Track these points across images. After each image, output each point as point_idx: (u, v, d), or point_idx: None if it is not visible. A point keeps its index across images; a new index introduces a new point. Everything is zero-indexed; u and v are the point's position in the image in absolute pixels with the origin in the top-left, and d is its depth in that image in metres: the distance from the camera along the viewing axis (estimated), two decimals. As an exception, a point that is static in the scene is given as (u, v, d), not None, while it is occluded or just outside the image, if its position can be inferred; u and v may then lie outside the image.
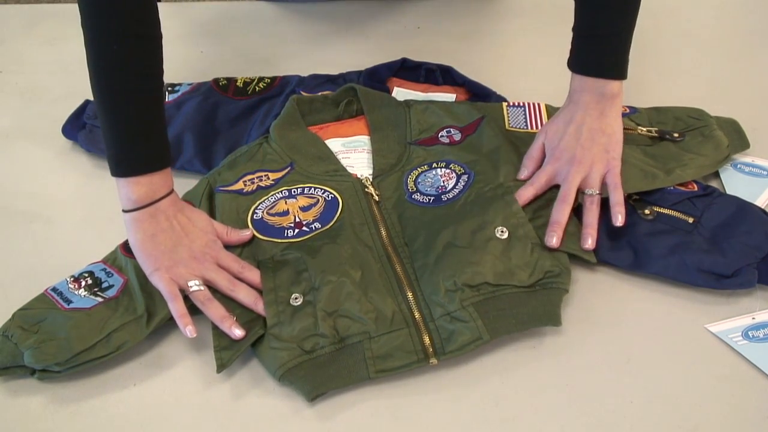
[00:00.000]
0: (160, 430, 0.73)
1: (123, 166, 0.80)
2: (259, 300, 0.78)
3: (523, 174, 0.88)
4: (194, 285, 0.78)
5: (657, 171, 0.88)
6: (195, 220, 0.83)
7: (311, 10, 1.31)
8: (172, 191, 0.84)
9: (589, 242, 0.81)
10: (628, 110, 0.98)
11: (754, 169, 0.93)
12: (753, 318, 0.78)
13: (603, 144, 0.85)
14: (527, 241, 0.80)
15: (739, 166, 0.93)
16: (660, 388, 0.73)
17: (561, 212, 0.82)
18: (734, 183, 0.91)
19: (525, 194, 0.85)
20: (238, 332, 0.76)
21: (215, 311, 0.77)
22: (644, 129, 0.93)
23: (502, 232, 0.80)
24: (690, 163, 0.89)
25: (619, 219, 0.82)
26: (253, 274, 0.80)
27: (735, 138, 0.95)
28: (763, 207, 0.87)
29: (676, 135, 0.93)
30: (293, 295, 0.77)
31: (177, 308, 0.77)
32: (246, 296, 0.79)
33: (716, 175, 0.93)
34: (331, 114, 0.99)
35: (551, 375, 0.75)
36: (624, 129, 0.91)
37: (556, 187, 0.86)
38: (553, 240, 0.80)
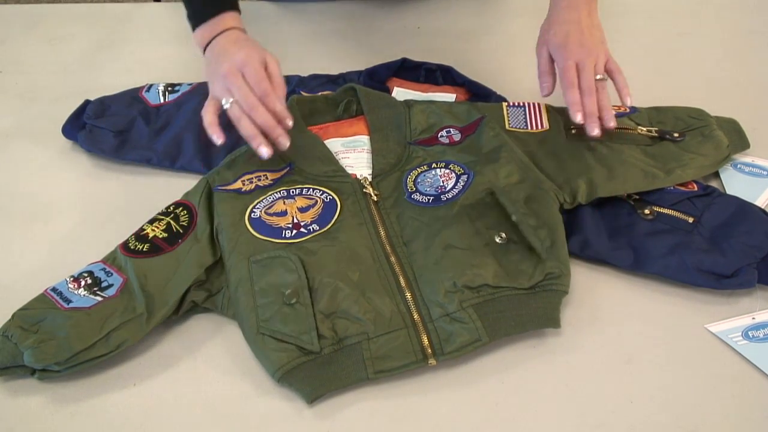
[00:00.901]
0: (160, 430, 0.73)
1: (189, 21, 0.95)
2: (277, 128, 0.86)
3: (545, 91, 0.94)
4: (226, 102, 0.87)
5: (657, 171, 0.88)
6: (243, 44, 0.91)
7: (311, 10, 1.31)
8: (229, 29, 0.92)
9: (612, 124, 0.88)
10: (628, 110, 0.98)
11: (754, 169, 0.93)
12: (753, 318, 0.77)
13: (598, 36, 0.93)
14: (527, 245, 0.80)
15: (739, 166, 0.93)
16: (660, 388, 0.73)
17: (593, 103, 0.88)
18: (734, 183, 0.91)
19: (573, 98, 0.89)
20: (265, 151, 0.84)
21: (246, 128, 0.85)
22: (644, 129, 0.93)
23: (501, 237, 0.80)
24: (690, 163, 0.89)
25: (628, 100, 0.91)
26: (275, 103, 0.86)
27: (735, 138, 0.95)
28: (763, 207, 0.87)
29: (676, 135, 0.93)
30: (289, 296, 0.77)
31: (207, 119, 0.87)
32: (264, 120, 0.85)
33: (716, 175, 0.93)
34: (331, 114, 0.99)
35: (551, 375, 0.75)
36: (624, 129, 0.92)
37: None
38: (595, 131, 0.87)
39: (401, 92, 1.08)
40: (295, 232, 0.84)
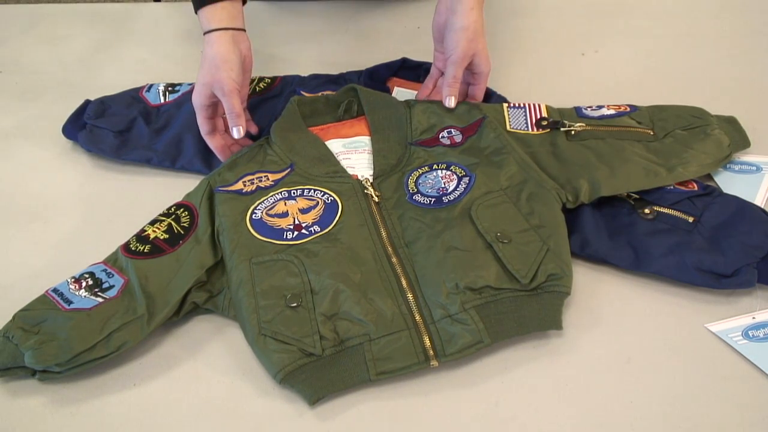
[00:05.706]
0: (160, 430, 0.73)
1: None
2: (226, 150, 0.97)
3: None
4: None
5: (659, 168, 0.87)
6: (205, 73, 0.94)
7: (310, 10, 1.31)
8: (213, 31, 0.95)
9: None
10: (628, 109, 0.98)
11: (744, 167, 0.93)
12: (753, 317, 0.78)
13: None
14: (530, 246, 0.79)
15: (728, 165, 0.93)
16: (660, 388, 0.73)
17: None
18: (730, 184, 0.91)
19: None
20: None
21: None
22: (645, 128, 0.93)
23: (504, 239, 0.80)
24: (692, 161, 0.89)
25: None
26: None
27: (736, 137, 0.95)
28: (763, 203, 0.87)
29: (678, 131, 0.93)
30: (291, 298, 0.77)
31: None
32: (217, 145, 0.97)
33: (711, 178, 0.92)
34: (332, 115, 0.99)
35: (551, 375, 0.75)
36: (625, 127, 0.92)
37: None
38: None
39: (401, 92, 1.08)
40: (296, 233, 0.84)
